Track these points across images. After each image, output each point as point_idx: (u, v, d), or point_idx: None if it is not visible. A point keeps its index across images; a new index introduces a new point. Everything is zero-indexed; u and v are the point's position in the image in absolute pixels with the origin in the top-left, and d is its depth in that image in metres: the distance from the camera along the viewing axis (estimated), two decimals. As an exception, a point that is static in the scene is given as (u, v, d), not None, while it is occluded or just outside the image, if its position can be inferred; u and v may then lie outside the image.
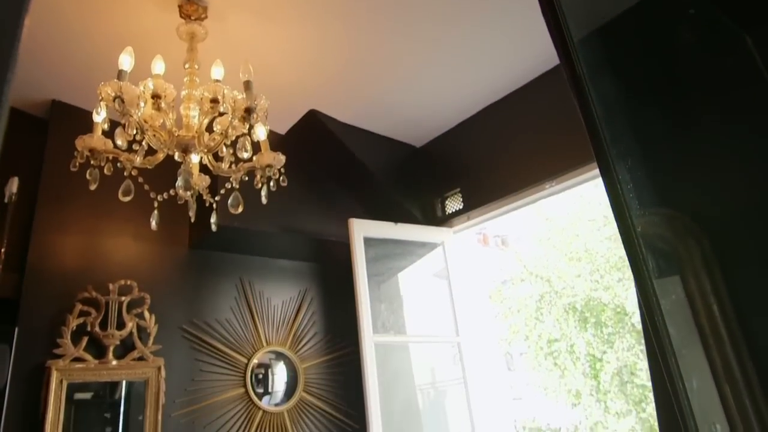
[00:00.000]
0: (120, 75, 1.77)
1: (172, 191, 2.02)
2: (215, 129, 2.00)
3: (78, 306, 2.66)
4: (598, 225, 9.93)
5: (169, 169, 2.10)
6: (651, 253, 0.77)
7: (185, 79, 2.06)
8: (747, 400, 0.74)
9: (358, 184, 3.53)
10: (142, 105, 1.78)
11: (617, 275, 9.51)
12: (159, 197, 2.06)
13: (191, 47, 2.12)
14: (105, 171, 1.85)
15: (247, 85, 1.89)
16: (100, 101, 1.76)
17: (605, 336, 9.54)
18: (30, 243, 2.66)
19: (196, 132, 1.95)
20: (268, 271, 3.47)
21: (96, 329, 2.67)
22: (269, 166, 2.02)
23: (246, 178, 2.09)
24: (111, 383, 2.75)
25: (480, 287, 3.69)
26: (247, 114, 1.85)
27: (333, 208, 3.48)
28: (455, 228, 3.47)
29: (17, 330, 2.48)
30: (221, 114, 1.90)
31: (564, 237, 10.34)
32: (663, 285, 0.80)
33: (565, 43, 0.77)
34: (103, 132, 1.88)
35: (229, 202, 2.01)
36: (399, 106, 3.20)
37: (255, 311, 3.29)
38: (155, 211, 2.05)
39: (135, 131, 1.81)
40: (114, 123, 1.88)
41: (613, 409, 9.18)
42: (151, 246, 3.04)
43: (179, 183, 1.90)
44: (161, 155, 1.97)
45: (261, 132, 2.07)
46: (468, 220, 3.39)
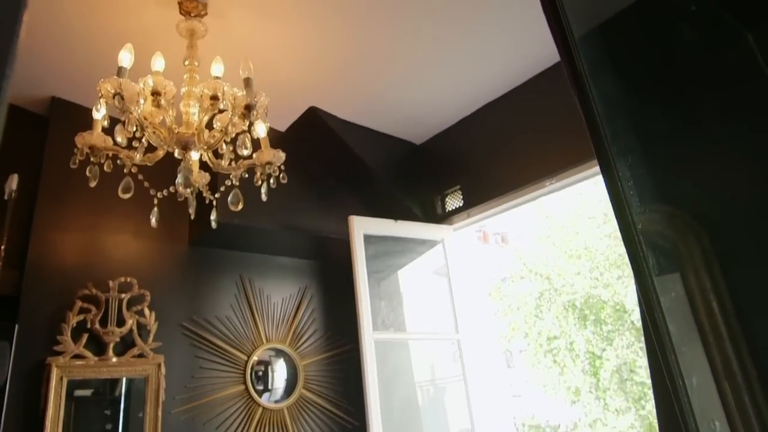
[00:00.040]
0: (120, 72, 1.77)
1: (172, 188, 2.02)
2: (215, 126, 1.99)
3: (78, 303, 2.66)
4: (597, 222, 9.94)
5: (169, 167, 2.10)
6: (651, 251, 0.77)
7: (185, 76, 2.05)
8: (746, 397, 0.74)
9: (358, 181, 3.53)
10: (141, 102, 1.78)
11: (617, 273, 9.52)
12: (159, 194, 2.05)
13: (191, 44, 2.12)
14: (105, 168, 1.85)
15: (247, 82, 1.89)
16: (99, 98, 1.76)
17: (605, 333, 9.56)
18: (30, 240, 2.66)
19: (196, 129, 1.94)
20: (268, 269, 3.47)
21: (96, 326, 2.68)
22: (269, 163, 2.02)
23: (246, 175, 2.09)
24: (111, 380, 2.75)
25: (480, 284, 3.69)
26: (247, 111, 1.85)
27: (333, 205, 3.48)
28: (455, 225, 3.47)
29: (17, 327, 2.48)
30: (221, 111, 1.90)
31: (564, 234, 10.36)
32: (663, 282, 0.80)
33: (566, 40, 0.77)
34: (103, 129, 1.87)
35: (229, 199, 2.01)
36: (399, 103, 3.19)
37: (255, 308, 3.29)
38: (155, 209, 2.05)
39: (135, 128, 1.81)
40: (114, 120, 1.88)
41: (613, 407, 9.20)
42: (151, 243, 3.04)
43: (179, 180, 1.90)
44: (161, 152, 1.97)
45: (261, 129, 2.07)
46: (468, 217, 3.39)
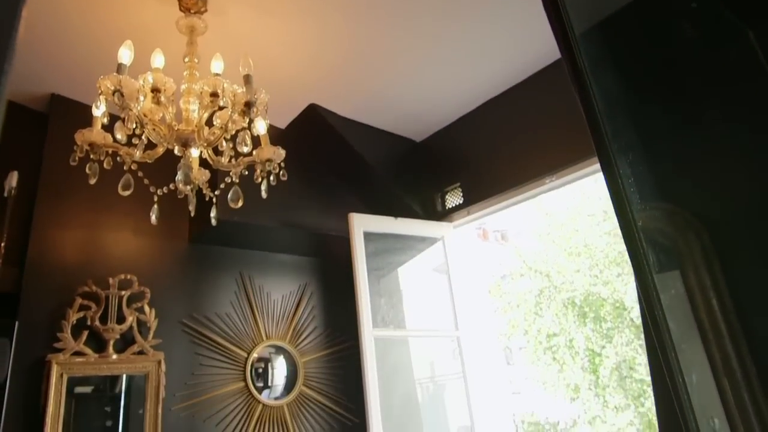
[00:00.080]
0: (119, 69, 1.76)
1: (171, 185, 2.01)
2: (215, 123, 1.99)
3: (78, 300, 2.66)
4: (597, 220, 9.95)
5: (169, 164, 2.10)
6: (651, 248, 0.77)
7: (185, 73, 2.05)
8: (745, 394, 0.74)
9: (358, 178, 3.53)
10: (141, 99, 1.78)
11: (616, 270, 9.53)
12: (159, 191, 2.05)
13: (191, 41, 2.11)
14: (105, 165, 1.85)
15: (247, 79, 1.89)
16: (99, 95, 1.75)
17: (604, 331, 9.58)
18: (30, 237, 2.66)
19: (195, 126, 1.94)
20: (268, 266, 3.47)
21: (96, 323, 2.68)
22: (269, 160, 2.02)
23: (246, 172, 2.09)
24: (111, 377, 2.76)
25: (479, 282, 3.70)
26: (247, 108, 1.85)
27: (333, 202, 3.48)
28: (455, 223, 3.47)
29: (17, 324, 2.48)
30: (221, 108, 1.89)
31: (563, 232, 10.37)
32: (663, 279, 0.80)
33: (567, 37, 0.77)
34: (103, 126, 1.87)
35: (229, 196, 2.01)
36: (399, 100, 3.19)
37: (255, 305, 3.30)
38: (155, 206, 2.05)
39: (134, 125, 1.81)
40: (114, 117, 1.88)
41: (612, 404, 9.22)
42: (151, 240, 3.04)
43: (179, 177, 1.90)
44: (161, 149, 1.96)
45: (261, 126, 2.07)
46: (468, 214, 3.39)
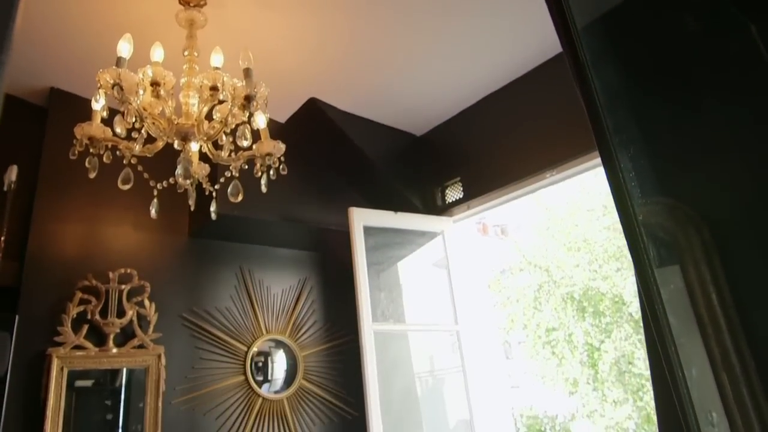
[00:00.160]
0: (119, 62, 1.75)
1: (171, 179, 2.01)
2: (215, 117, 1.99)
3: (78, 294, 2.67)
4: (596, 215, 9.95)
5: (169, 158, 2.09)
6: (652, 242, 0.77)
7: (184, 67, 2.04)
8: (744, 389, 0.74)
9: (358, 172, 3.52)
10: (141, 92, 1.77)
11: (615, 265, 9.54)
12: (158, 185, 2.05)
13: (190, 34, 2.10)
14: (104, 159, 1.84)
15: (247, 73, 1.88)
16: (98, 89, 1.75)
17: (603, 325, 9.60)
18: (30, 231, 2.66)
19: (195, 120, 1.93)
20: (267, 260, 3.47)
21: (96, 317, 2.68)
22: (269, 154, 2.02)
23: (246, 166, 2.09)
24: (111, 371, 2.76)
25: (479, 276, 3.70)
26: (247, 102, 1.84)
27: (333, 196, 3.47)
28: (455, 217, 3.46)
29: (18, 318, 2.48)
30: (221, 102, 1.89)
31: (563, 227, 10.37)
32: (663, 274, 0.80)
33: (569, 30, 0.76)
34: (102, 120, 1.86)
35: (229, 190, 2.01)
36: (399, 94, 3.18)
37: (255, 300, 3.30)
38: (155, 200, 2.04)
39: (134, 119, 1.80)
40: (113, 111, 1.87)
41: (610, 398, 9.26)
42: (151, 234, 3.04)
43: (179, 171, 1.89)
44: (160, 143, 1.96)
45: (261, 120, 2.06)
46: (468, 209, 3.39)
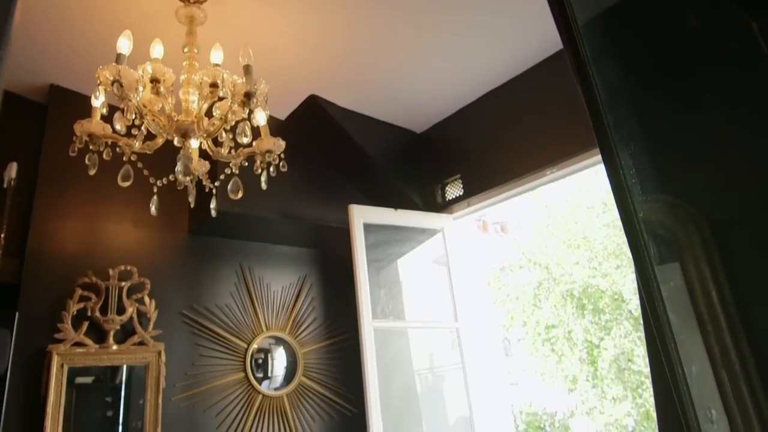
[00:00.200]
0: (118, 59, 1.75)
1: (171, 176, 2.01)
2: (215, 114, 1.98)
3: (78, 291, 2.67)
4: (596, 212, 9.95)
5: (169, 155, 2.09)
6: (652, 240, 0.77)
7: (184, 63, 2.04)
8: (744, 386, 0.74)
9: (358, 169, 3.52)
10: (140, 89, 1.77)
11: (615, 262, 9.55)
12: (158, 182, 2.05)
13: (190, 31, 2.10)
14: (104, 156, 1.84)
15: (247, 70, 1.88)
16: (98, 85, 1.74)
17: (603, 323, 9.61)
18: (30, 228, 2.66)
19: (195, 117, 1.93)
20: (267, 257, 3.48)
21: (96, 314, 2.69)
22: (269, 151, 2.01)
23: (246, 163, 2.08)
24: (112, 367, 2.77)
25: (479, 274, 3.70)
26: (247, 99, 1.84)
27: (333, 194, 3.47)
28: (455, 214, 3.46)
29: (18, 315, 2.48)
30: (221, 99, 1.88)
31: (563, 224, 10.37)
32: (663, 271, 0.80)
33: (570, 27, 0.76)
34: (102, 117, 1.86)
35: (229, 187, 2.01)
36: (399, 91, 3.17)
37: (255, 297, 3.30)
38: (155, 197, 2.04)
39: (134, 116, 1.80)
40: (113, 108, 1.87)
41: (610, 395, 9.27)
42: (151, 231, 3.04)
43: (179, 168, 1.89)
44: (160, 140, 1.96)
45: (261, 117, 2.06)
46: (468, 206, 3.39)
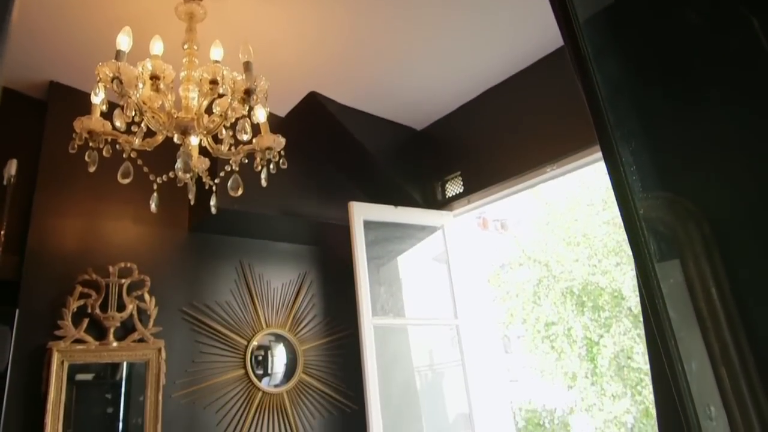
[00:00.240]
0: (118, 55, 1.74)
1: (171, 173, 2.00)
2: (215, 111, 1.98)
3: (78, 288, 2.67)
4: (596, 209, 9.94)
5: (169, 152, 2.09)
6: (652, 237, 0.77)
7: (184, 60, 2.03)
8: (743, 383, 0.74)
9: (358, 167, 3.52)
10: (140, 86, 1.76)
11: (615, 260, 9.54)
12: (158, 179, 2.05)
13: (190, 27, 2.09)
14: (104, 153, 1.84)
15: (247, 66, 1.87)
16: (98, 82, 1.74)
17: (602, 320, 9.61)
18: (30, 225, 2.66)
19: (195, 114, 1.93)
20: (267, 254, 3.48)
21: (96, 311, 2.69)
22: (269, 148, 2.01)
23: (246, 160, 2.08)
24: (112, 364, 2.77)
25: (479, 271, 3.71)
26: (247, 95, 1.83)
27: (333, 191, 3.47)
28: (455, 211, 3.46)
29: (18, 312, 2.49)
30: (221, 95, 1.88)
31: (563, 221, 10.36)
32: (663, 268, 0.80)
33: (570, 24, 0.76)
34: (102, 113, 1.86)
35: (229, 184, 2.00)
36: (399, 88, 3.17)
37: (255, 294, 3.30)
38: (155, 194, 2.04)
39: (134, 113, 1.79)
40: (113, 104, 1.87)
41: (609, 392, 9.28)
42: (151, 228, 3.04)
43: (179, 165, 1.89)
44: (160, 137, 1.95)
45: (261, 114, 2.06)
46: (468, 203, 3.39)
